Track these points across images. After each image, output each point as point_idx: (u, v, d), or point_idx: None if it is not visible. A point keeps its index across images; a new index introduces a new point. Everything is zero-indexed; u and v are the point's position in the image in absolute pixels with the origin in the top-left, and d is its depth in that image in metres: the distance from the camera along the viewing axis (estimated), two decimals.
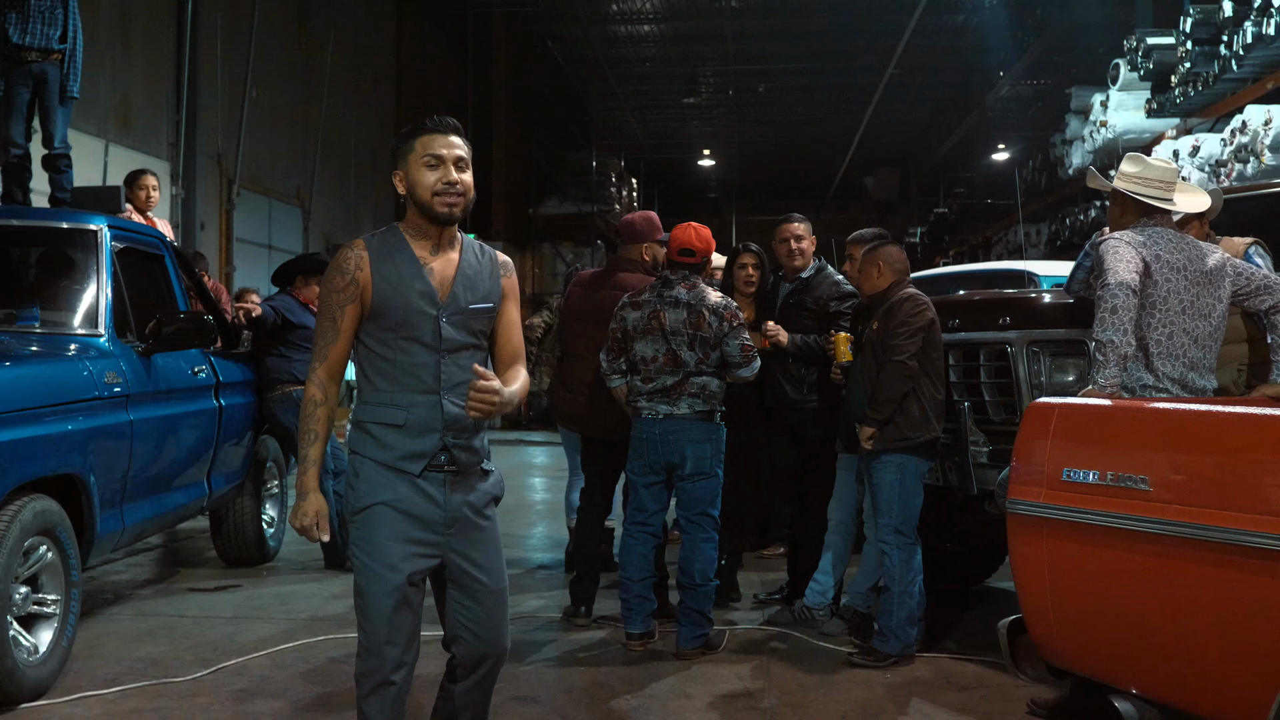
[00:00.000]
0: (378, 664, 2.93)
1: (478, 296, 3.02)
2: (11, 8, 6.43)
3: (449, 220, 2.99)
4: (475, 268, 3.05)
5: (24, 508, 4.27)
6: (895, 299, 4.99)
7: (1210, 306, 4.11)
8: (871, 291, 5.12)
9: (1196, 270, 4.10)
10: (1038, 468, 3.37)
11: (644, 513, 5.21)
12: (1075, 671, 3.42)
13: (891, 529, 4.93)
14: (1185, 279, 4.05)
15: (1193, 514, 2.92)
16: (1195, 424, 3.06)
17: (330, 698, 4.44)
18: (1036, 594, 3.38)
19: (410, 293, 2.94)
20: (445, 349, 2.96)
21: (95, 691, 4.44)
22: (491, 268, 3.09)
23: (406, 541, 2.92)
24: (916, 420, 4.88)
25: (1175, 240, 4.15)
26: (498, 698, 4.40)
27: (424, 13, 22.77)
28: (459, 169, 2.98)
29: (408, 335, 2.94)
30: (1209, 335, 4.09)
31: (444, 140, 3.01)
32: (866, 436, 4.92)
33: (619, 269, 5.68)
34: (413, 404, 2.93)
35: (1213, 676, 2.96)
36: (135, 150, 12.57)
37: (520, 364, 3.14)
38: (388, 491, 2.92)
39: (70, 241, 5.42)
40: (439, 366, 2.95)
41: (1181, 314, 4.05)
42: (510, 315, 3.13)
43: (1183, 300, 4.05)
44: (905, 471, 4.93)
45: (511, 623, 5.52)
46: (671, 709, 4.32)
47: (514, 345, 3.15)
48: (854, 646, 5.09)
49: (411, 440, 2.93)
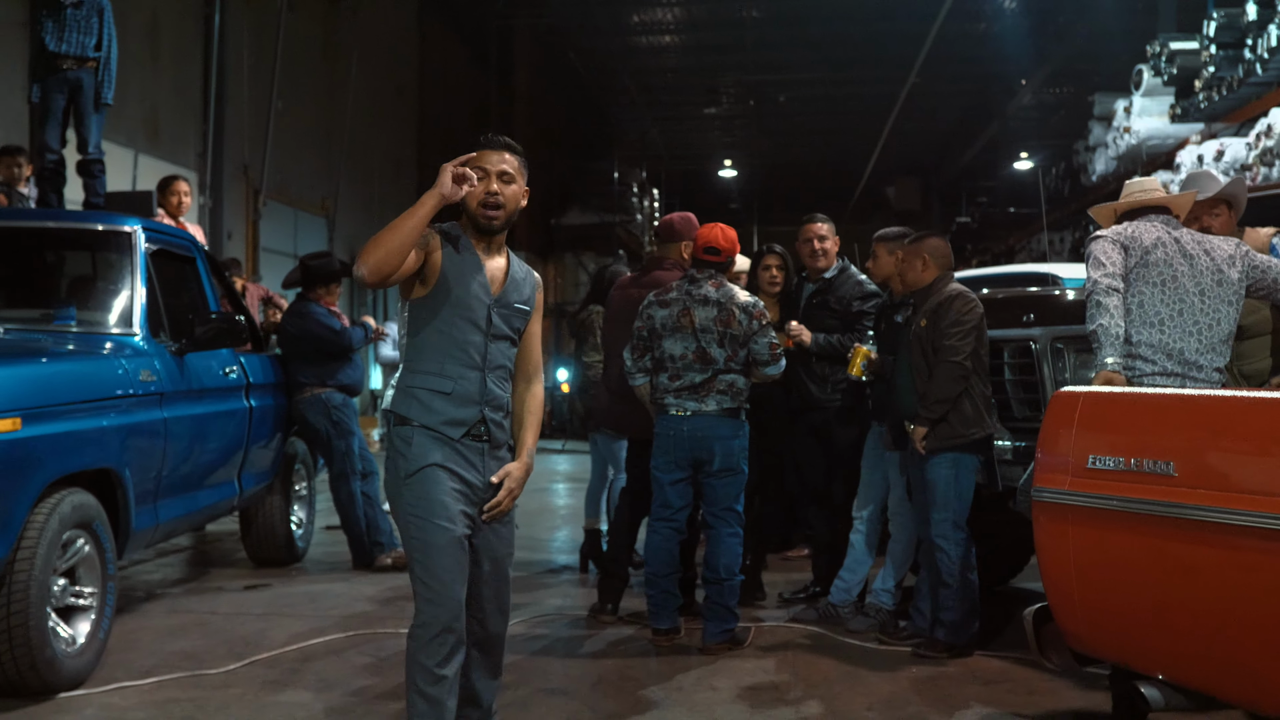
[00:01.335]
0: (440, 612, 3.12)
1: (521, 299, 3.37)
2: (48, 16, 6.57)
3: (489, 230, 3.30)
4: (519, 276, 3.40)
5: (62, 501, 4.35)
6: (944, 296, 5.00)
7: (1206, 286, 4.18)
8: (915, 286, 5.13)
9: (1184, 249, 4.20)
10: (1063, 456, 3.40)
11: (669, 509, 5.25)
12: (1100, 658, 3.44)
13: (949, 523, 4.95)
14: (1164, 253, 4.17)
15: (1219, 499, 2.94)
16: (1220, 411, 3.08)
17: (363, 690, 4.50)
18: (1062, 581, 3.41)
19: (471, 279, 3.27)
20: (493, 334, 3.29)
21: (131, 682, 4.51)
22: (530, 279, 3.45)
23: (459, 499, 3.20)
24: (970, 418, 4.91)
25: (1161, 225, 4.27)
26: (526, 690, 4.48)
27: (446, 25, 22.93)
28: (503, 181, 3.27)
29: (465, 316, 3.25)
30: (1201, 311, 4.16)
31: (492, 155, 3.29)
32: (921, 437, 4.94)
33: (655, 268, 5.73)
34: (461, 376, 3.24)
35: (1239, 661, 2.98)
36: (164, 160, 12.72)
37: (538, 379, 3.48)
38: (439, 454, 3.20)
39: (105, 243, 5.51)
40: (486, 347, 3.27)
41: (1160, 286, 4.16)
42: (534, 328, 3.46)
43: (1162, 274, 4.16)
44: (960, 467, 4.95)
45: (539, 619, 5.64)
46: (698, 701, 4.36)
47: (535, 358, 3.48)
48: (903, 644, 5.11)
49: (456, 408, 3.22)
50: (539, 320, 3.48)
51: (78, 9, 6.59)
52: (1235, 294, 4.21)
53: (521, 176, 3.33)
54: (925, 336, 4.98)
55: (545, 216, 24.32)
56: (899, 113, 25.33)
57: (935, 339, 4.93)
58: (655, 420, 5.24)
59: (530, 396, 3.46)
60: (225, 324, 5.61)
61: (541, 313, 3.49)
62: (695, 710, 4.24)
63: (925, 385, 4.95)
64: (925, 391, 4.93)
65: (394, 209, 17.91)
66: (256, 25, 15.28)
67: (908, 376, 5.11)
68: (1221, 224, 4.59)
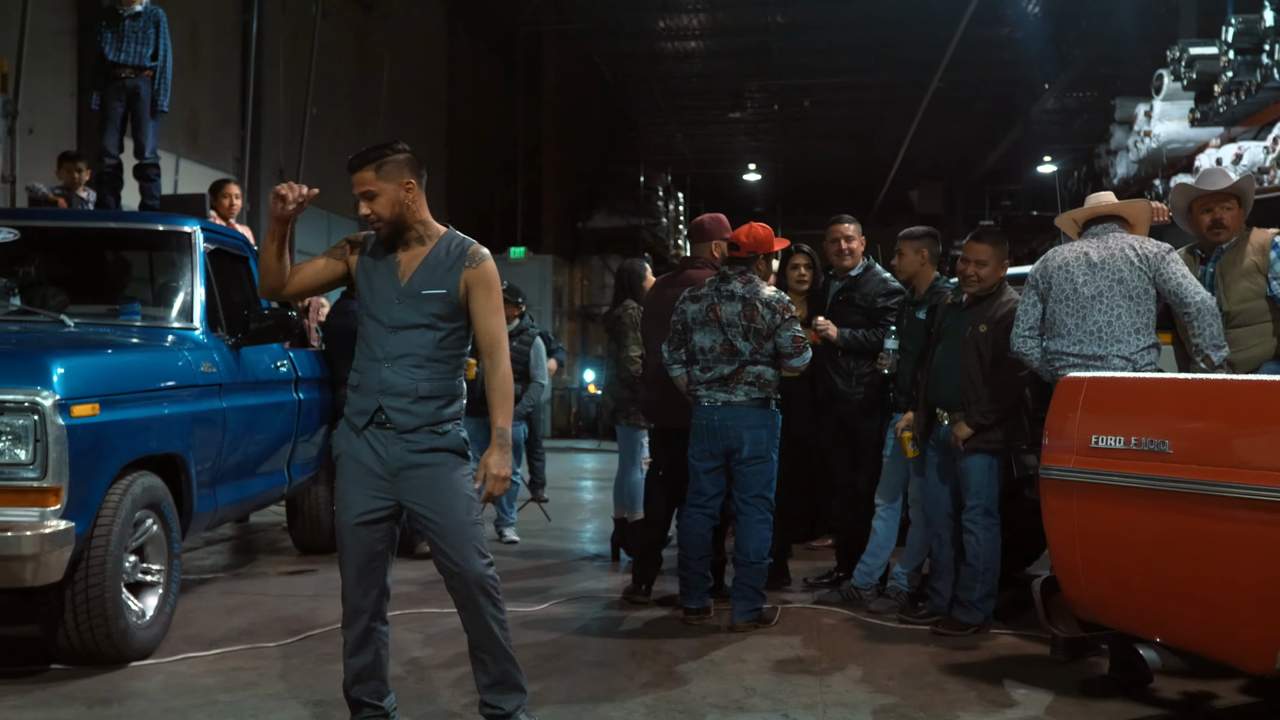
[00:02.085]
0: (345, 590, 3.60)
1: (434, 284, 3.50)
2: (108, 28, 6.92)
3: (380, 231, 3.54)
4: (439, 259, 3.53)
5: (134, 483, 4.66)
6: (1009, 305, 5.21)
7: (1103, 289, 4.68)
8: (983, 290, 5.30)
9: (1091, 259, 4.74)
10: (1068, 437, 3.66)
11: (703, 496, 5.52)
12: (1103, 624, 3.70)
13: (980, 510, 5.19)
14: (1067, 271, 4.81)
15: (1210, 473, 3.20)
16: (1211, 392, 3.34)
17: (415, 661, 4.79)
18: (1067, 553, 3.67)
19: (375, 276, 3.54)
20: (394, 325, 3.49)
21: (196, 653, 4.82)
22: (455, 261, 3.53)
23: (358, 486, 3.52)
24: (1017, 427, 5.17)
25: (1079, 244, 4.85)
26: (568, 660, 4.78)
27: (475, 31, 23.27)
28: (366, 199, 3.48)
29: (369, 311, 3.54)
30: (1100, 312, 4.67)
31: (354, 180, 3.51)
32: (963, 435, 5.16)
33: (687, 267, 6.02)
34: (365, 369, 3.53)
35: (1230, 623, 3.23)
36: (203, 164, 13.09)
37: (496, 354, 3.56)
38: (346, 444, 3.57)
39: (167, 243, 5.84)
40: (385, 339, 3.50)
41: (1063, 301, 4.78)
42: (478, 303, 3.54)
43: (1064, 289, 4.78)
44: (993, 460, 5.21)
45: (576, 600, 5.92)
46: (728, 671, 4.63)
47: (487, 334, 3.56)
48: (922, 622, 5.37)
49: (361, 399, 3.53)
50: (484, 295, 3.52)
51: (135, 21, 6.94)
52: (1135, 290, 4.63)
53: (388, 180, 3.45)
54: (985, 342, 5.19)
55: (572, 219, 24.61)
56: (923, 117, 25.49)
57: (1000, 349, 5.12)
58: (693, 412, 5.52)
59: (491, 374, 3.55)
60: (278, 319, 5.90)
61: (488, 286, 3.54)
62: (726, 679, 4.51)
63: (976, 387, 5.17)
64: (981, 395, 5.15)
65: None
66: (292, 33, 15.66)
67: (945, 368, 5.33)
68: (1232, 217, 4.83)
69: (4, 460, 4.12)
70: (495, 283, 3.59)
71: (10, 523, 4.08)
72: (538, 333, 8.17)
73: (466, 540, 3.53)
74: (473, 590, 3.58)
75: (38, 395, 4.11)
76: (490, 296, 3.55)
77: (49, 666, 4.54)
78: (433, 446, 3.50)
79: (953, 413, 5.24)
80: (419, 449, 3.49)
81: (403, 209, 3.50)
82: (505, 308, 8.18)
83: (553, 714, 4.04)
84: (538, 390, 8.09)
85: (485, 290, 3.54)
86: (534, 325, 8.13)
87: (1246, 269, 4.68)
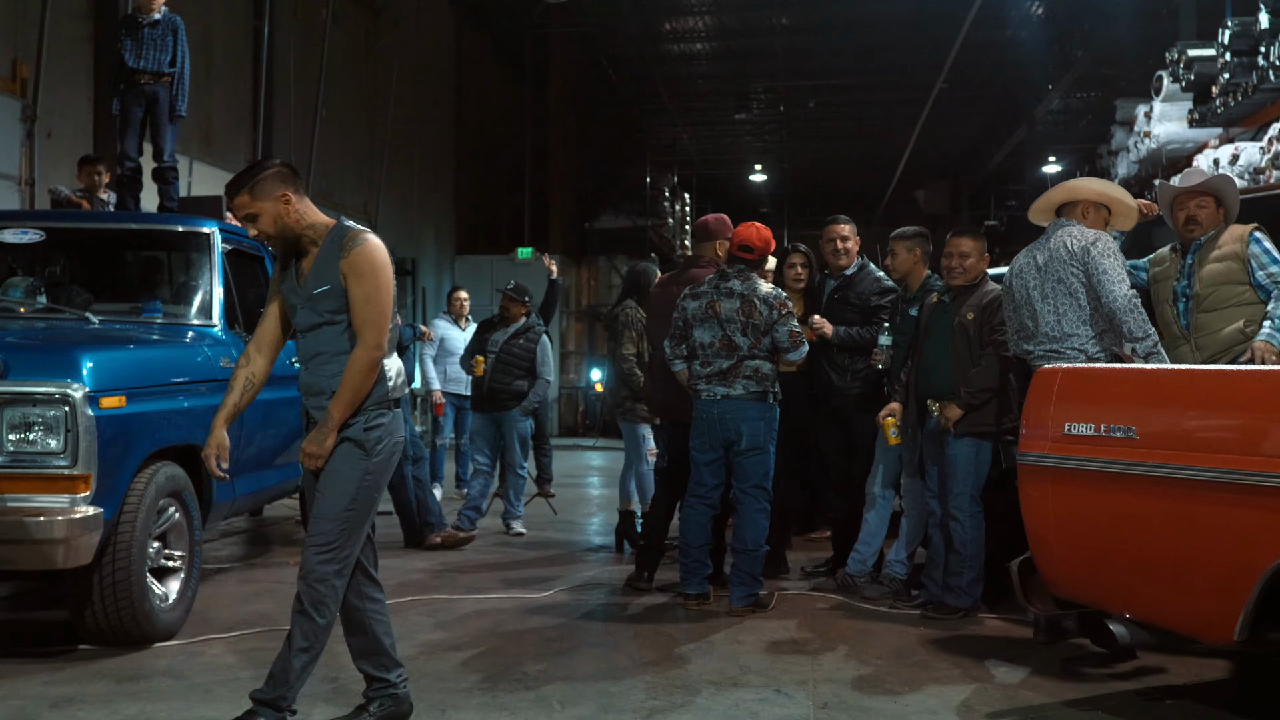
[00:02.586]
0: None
1: (320, 282, 3.59)
2: (128, 35, 7.16)
3: (275, 247, 3.69)
4: (323, 258, 3.62)
5: (158, 472, 4.88)
6: (992, 294, 5.46)
7: (1048, 289, 4.96)
8: (968, 282, 5.56)
9: (1038, 263, 5.04)
10: (1043, 425, 3.87)
11: (704, 487, 5.74)
12: (1077, 602, 3.91)
13: (966, 497, 5.38)
14: (1020, 279, 5.12)
15: (1174, 457, 3.41)
16: (1174, 382, 3.55)
17: (427, 642, 5.02)
18: (1043, 534, 3.88)
19: (281, 289, 3.73)
20: (300, 329, 3.68)
21: (217, 635, 5.05)
22: (332, 256, 3.59)
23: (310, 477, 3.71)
24: (1003, 409, 5.36)
25: (1034, 248, 5.15)
26: (572, 641, 4.99)
27: (483, 35, 23.51)
28: (249, 222, 3.63)
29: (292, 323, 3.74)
30: (1050, 311, 4.95)
31: (233, 206, 3.66)
32: (952, 417, 5.37)
33: (691, 266, 6.23)
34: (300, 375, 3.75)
35: (1192, 598, 3.44)
36: (216, 167, 13.34)
37: (359, 343, 3.54)
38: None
39: (187, 243, 6.07)
40: (302, 344, 3.70)
41: (1019, 308, 5.10)
42: (350, 291, 3.56)
43: (1017, 296, 5.11)
44: (980, 447, 5.40)
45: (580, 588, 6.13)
46: (726, 652, 4.84)
47: (358, 319, 3.56)
48: (912, 607, 5.57)
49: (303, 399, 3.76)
50: (354, 282, 3.54)
51: (154, 28, 7.18)
52: (1073, 286, 4.89)
53: (264, 198, 3.55)
54: (972, 330, 5.42)
55: (579, 220, 24.85)
56: (928, 117, 25.66)
57: (985, 334, 5.37)
58: (692, 405, 5.73)
59: (349, 363, 3.54)
60: None
61: (358, 272, 3.54)
62: (722, 658, 4.72)
63: (966, 372, 5.38)
64: (969, 379, 5.37)
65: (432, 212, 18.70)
66: (303, 37, 15.90)
67: (934, 361, 5.55)
68: (1207, 215, 5.03)
69: (36, 449, 4.35)
70: (367, 267, 3.56)
71: (43, 508, 4.31)
72: (543, 331, 8.40)
73: (316, 530, 3.62)
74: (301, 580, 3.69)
75: (68, 388, 4.34)
76: (360, 282, 3.55)
77: (77, 647, 4.77)
78: (345, 438, 3.59)
79: (943, 403, 5.44)
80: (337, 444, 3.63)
81: (285, 221, 3.61)
82: (512, 306, 8.47)
83: (555, 691, 4.25)
84: (544, 387, 8.31)
85: (355, 277, 3.55)
86: (540, 324, 8.35)
87: (1219, 255, 4.88)
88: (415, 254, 19.73)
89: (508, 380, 8.06)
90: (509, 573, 6.70)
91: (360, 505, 3.61)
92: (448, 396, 10.19)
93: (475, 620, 5.44)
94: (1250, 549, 3.19)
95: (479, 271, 20.94)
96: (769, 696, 4.16)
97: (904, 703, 4.10)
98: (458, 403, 10.20)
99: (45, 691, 4.20)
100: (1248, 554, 3.19)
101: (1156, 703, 4.08)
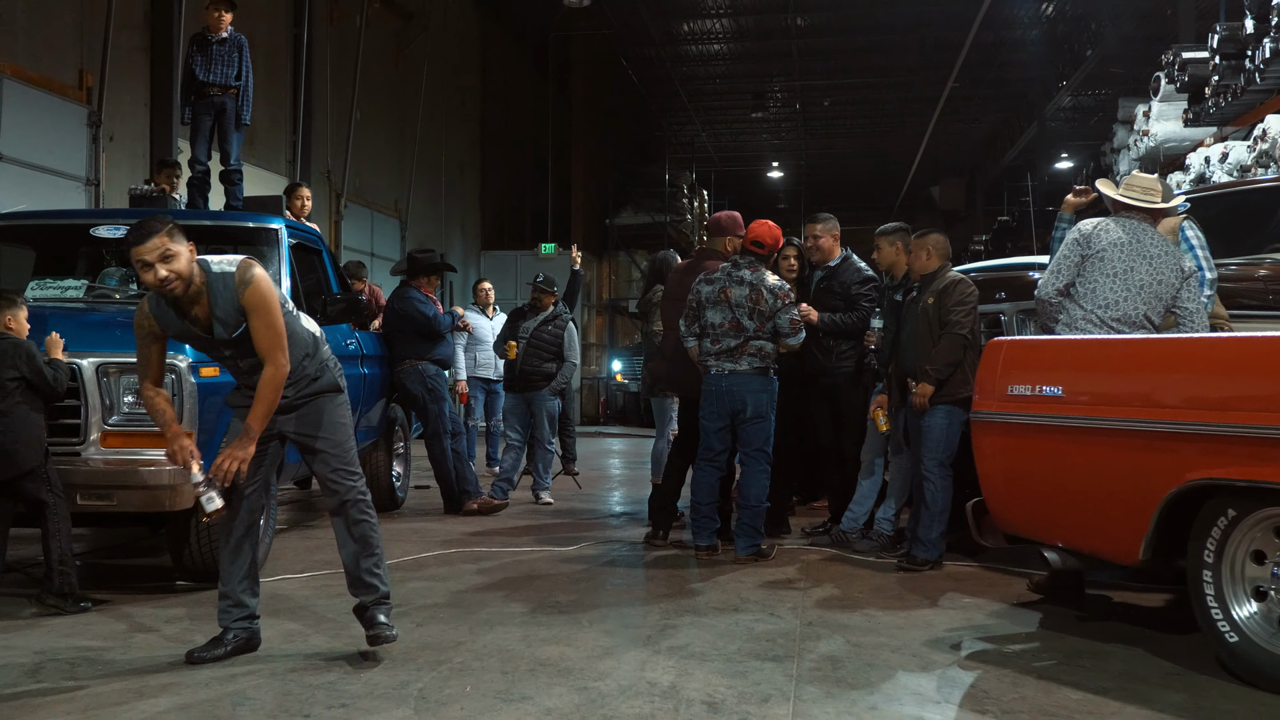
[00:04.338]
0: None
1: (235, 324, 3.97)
2: (198, 51, 7.98)
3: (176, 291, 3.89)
4: (221, 302, 3.93)
5: None
6: (948, 280, 6.15)
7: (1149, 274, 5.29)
8: (923, 272, 6.27)
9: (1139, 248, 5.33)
10: (992, 386, 4.63)
11: (712, 451, 6.51)
12: (1020, 535, 4.67)
13: (937, 462, 6.08)
14: (1120, 251, 5.29)
15: (1089, 410, 4.17)
16: (1091, 350, 4.32)
17: (472, 582, 5.80)
18: (991, 478, 4.64)
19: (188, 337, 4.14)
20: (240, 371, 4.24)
21: (291, 575, 5.86)
22: (232, 293, 3.92)
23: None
24: (966, 379, 6.02)
25: (1126, 225, 5.35)
26: (596, 582, 5.79)
27: (507, 38, 24.28)
28: (164, 261, 3.83)
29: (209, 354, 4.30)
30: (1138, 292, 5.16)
31: (145, 247, 3.81)
32: (926, 394, 6.06)
33: (706, 258, 6.98)
34: None
35: (1106, 527, 4.19)
36: (258, 168, 14.18)
37: (268, 364, 3.98)
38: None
39: (256, 237, 6.86)
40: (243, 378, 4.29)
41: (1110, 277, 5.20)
42: (250, 325, 3.95)
43: (1115, 266, 5.23)
44: (952, 418, 6.06)
45: (604, 544, 6.91)
46: (730, 588, 5.62)
47: (263, 346, 3.97)
48: (893, 558, 6.32)
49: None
50: (254, 318, 3.91)
51: (222, 45, 8.00)
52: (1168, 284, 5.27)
53: (180, 243, 3.83)
54: (932, 312, 6.13)
55: (600, 217, 25.60)
56: (941, 115, 26.28)
57: (942, 315, 6.08)
58: (703, 379, 6.50)
59: (262, 379, 3.99)
60: (349, 303, 6.93)
61: (254, 308, 3.89)
62: (727, 592, 5.50)
63: (931, 351, 6.11)
64: (932, 356, 6.08)
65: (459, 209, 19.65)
66: (338, 43, 16.73)
67: (910, 343, 6.29)
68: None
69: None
70: (261, 302, 3.91)
71: (154, 460, 5.12)
72: (570, 318, 9.19)
73: (339, 463, 4.29)
74: (346, 506, 4.37)
75: (176, 359, 5.14)
76: (256, 317, 3.92)
77: (175, 583, 5.59)
78: (310, 392, 4.23)
79: (918, 380, 6.20)
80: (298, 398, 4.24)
81: (193, 267, 3.89)
82: (541, 296, 9.26)
83: (584, 614, 5.03)
84: (570, 369, 9.11)
85: (253, 313, 3.91)
86: (567, 312, 9.14)
87: None
88: (443, 249, 20.54)
89: (538, 363, 8.87)
90: (540, 534, 7.49)
91: (350, 430, 4.38)
92: (477, 381, 10.94)
93: (513, 567, 6.23)
94: (1149, 484, 3.94)
95: (504, 266, 21.73)
96: (763, 618, 4.94)
97: (876, 620, 4.87)
98: (486, 387, 10.98)
99: (157, 612, 5.02)
100: (1147, 488, 3.95)
101: (1088, 622, 4.84)
